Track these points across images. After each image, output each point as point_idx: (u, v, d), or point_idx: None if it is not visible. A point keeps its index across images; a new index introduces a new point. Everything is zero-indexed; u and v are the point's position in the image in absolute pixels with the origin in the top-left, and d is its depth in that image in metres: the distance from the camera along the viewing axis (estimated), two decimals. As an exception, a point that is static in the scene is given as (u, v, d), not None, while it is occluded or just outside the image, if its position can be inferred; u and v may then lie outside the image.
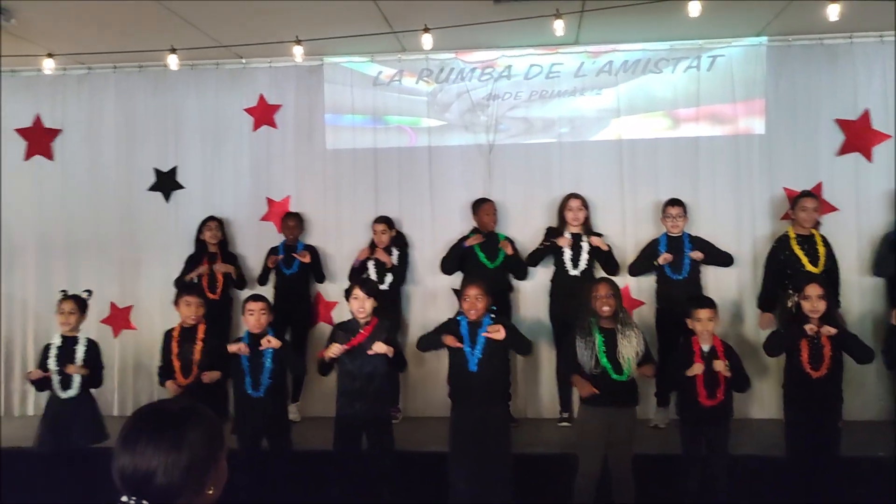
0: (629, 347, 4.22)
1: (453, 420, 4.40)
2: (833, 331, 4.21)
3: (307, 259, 6.06)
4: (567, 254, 5.68)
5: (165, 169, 6.53)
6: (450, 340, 4.33)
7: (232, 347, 4.52)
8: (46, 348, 4.82)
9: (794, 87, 6.02)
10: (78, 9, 5.07)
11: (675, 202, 5.68)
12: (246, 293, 6.18)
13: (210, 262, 6.08)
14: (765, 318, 5.55)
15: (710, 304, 4.45)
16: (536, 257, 5.86)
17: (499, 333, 4.26)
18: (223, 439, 1.60)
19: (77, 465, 4.59)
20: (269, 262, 6.06)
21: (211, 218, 6.21)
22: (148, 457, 1.47)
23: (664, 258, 5.56)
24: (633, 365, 4.23)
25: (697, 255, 5.56)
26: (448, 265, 5.91)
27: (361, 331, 4.40)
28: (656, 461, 4.74)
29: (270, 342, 4.47)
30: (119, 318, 6.48)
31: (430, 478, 4.54)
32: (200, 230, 6.18)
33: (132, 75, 6.54)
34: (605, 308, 4.25)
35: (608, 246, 5.74)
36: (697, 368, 4.23)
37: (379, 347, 4.30)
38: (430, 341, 4.51)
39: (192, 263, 6.12)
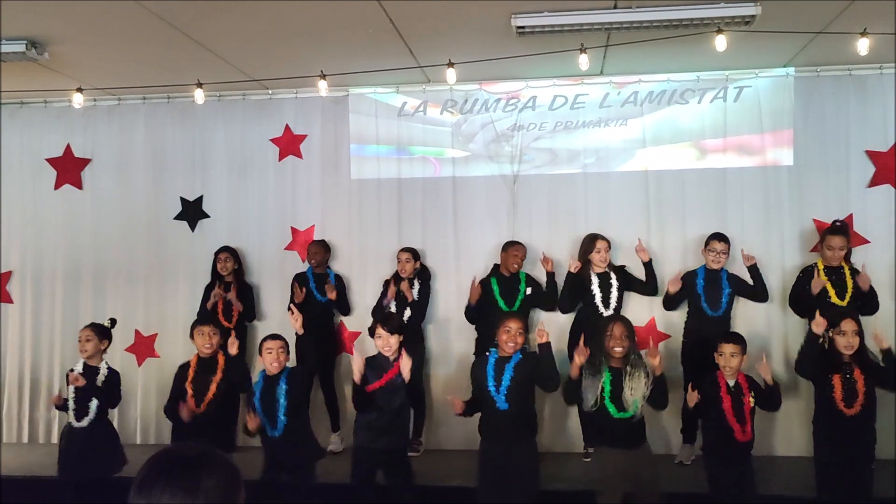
0: (637, 389, 4.11)
1: (481, 454, 4.35)
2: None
3: (333, 295, 6.02)
4: (598, 295, 5.59)
5: (192, 198, 6.58)
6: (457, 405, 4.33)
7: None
8: (67, 375, 4.81)
9: (823, 117, 5.94)
10: (108, 42, 5.15)
11: (720, 237, 5.58)
12: (257, 324, 6.27)
13: (224, 290, 6.09)
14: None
15: (735, 339, 4.37)
16: (571, 302, 5.71)
17: None
18: (240, 484, 1.57)
19: (98, 494, 4.58)
20: (295, 297, 5.97)
21: (223, 249, 6.23)
22: (164, 503, 1.45)
23: (674, 282, 5.52)
24: (640, 405, 4.12)
25: (751, 258, 5.54)
26: (471, 315, 5.81)
27: (392, 367, 4.31)
28: (681, 500, 4.63)
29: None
30: (143, 347, 6.51)
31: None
32: (215, 261, 6.20)
33: (161, 106, 6.63)
34: (618, 349, 4.16)
35: (649, 257, 5.69)
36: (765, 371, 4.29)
37: (405, 366, 4.22)
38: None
39: (208, 293, 6.15)
